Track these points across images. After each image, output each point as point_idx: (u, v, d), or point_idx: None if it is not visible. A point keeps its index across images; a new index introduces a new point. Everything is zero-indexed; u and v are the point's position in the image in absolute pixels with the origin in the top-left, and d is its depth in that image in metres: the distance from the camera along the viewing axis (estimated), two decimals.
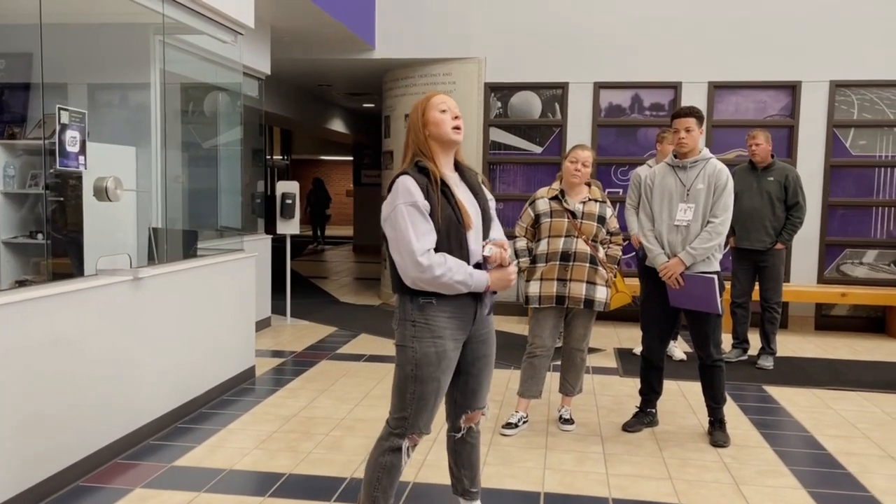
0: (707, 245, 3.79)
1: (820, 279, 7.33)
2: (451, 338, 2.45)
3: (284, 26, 6.97)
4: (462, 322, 2.47)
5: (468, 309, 2.48)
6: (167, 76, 4.80)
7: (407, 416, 2.48)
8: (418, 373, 2.44)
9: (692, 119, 3.85)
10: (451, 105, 2.49)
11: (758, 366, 5.62)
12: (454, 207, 2.40)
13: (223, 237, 5.71)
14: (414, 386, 2.45)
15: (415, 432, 2.50)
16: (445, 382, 2.50)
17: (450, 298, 2.42)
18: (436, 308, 2.42)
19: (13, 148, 4.51)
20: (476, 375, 2.61)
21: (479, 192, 2.56)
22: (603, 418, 4.38)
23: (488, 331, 2.61)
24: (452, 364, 2.50)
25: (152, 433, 3.91)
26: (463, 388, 2.62)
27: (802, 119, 7.24)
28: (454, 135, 2.46)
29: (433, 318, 2.42)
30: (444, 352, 2.44)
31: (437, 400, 2.50)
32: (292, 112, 11.15)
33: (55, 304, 3.16)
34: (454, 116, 2.46)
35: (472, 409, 2.66)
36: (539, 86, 7.68)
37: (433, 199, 2.37)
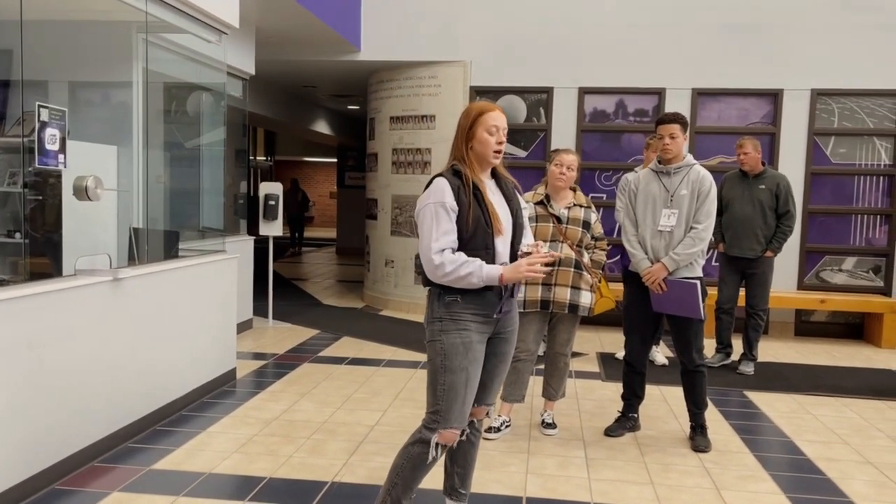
0: (690, 251, 3.80)
1: (800, 286, 7.40)
2: (477, 331, 2.56)
3: (269, 27, 6.94)
4: (486, 317, 2.57)
5: (492, 306, 2.57)
6: (150, 75, 4.75)
7: (440, 408, 2.56)
8: (447, 363, 2.54)
9: (676, 125, 3.87)
10: (502, 125, 2.59)
11: (739, 371, 5.66)
12: (484, 211, 2.52)
13: (205, 238, 5.66)
14: (444, 377, 2.54)
15: (448, 427, 2.56)
16: (475, 375, 2.57)
17: (474, 295, 2.53)
18: (461, 305, 2.54)
19: None
20: (490, 370, 2.69)
21: (512, 200, 2.67)
22: (585, 423, 4.39)
23: (511, 329, 2.70)
24: (480, 357, 2.58)
25: (131, 436, 3.86)
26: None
27: (784, 127, 7.32)
28: (493, 158, 2.60)
29: (458, 314, 2.54)
30: (470, 343, 2.54)
31: (468, 392, 2.57)
32: (276, 113, 11.09)
33: (32, 304, 3.11)
34: (499, 141, 2.58)
35: (479, 403, 2.71)
36: (524, 90, 7.69)
37: (463, 201, 2.49)
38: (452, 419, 2.56)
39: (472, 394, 2.60)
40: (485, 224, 2.51)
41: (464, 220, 2.49)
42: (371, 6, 7.85)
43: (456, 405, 2.55)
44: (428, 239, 2.48)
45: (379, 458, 3.68)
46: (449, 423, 2.56)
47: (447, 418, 2.56)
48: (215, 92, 5.82)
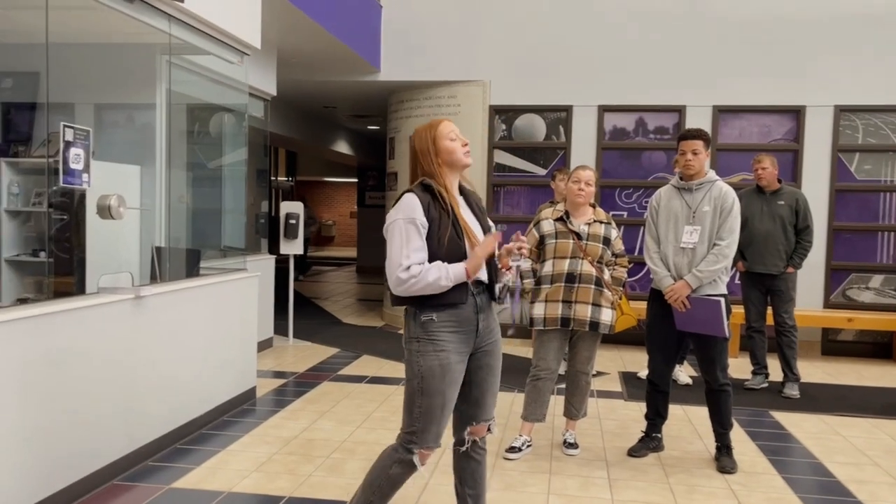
0: (714, 267, 3.75)
1: (826, 304, 7.27)
2: (455, 351, 2.51)
3: (291, 48, 7.02)
4: (465, 335, 2.53)
5: (469, 322, 2.53)
6: (173, 96, 4.82)
7: (416, 430, 2.53)
8: (424, 386, 2.50)
9: (699, 141, 3.84)
10: (458, 131, 2.62)
11: (784, 395, 5.47)
12: (457, 226, 2.49)
13: (226, 257, 5.69)
14: (420, 399, 2.50)
15: (424, 447, 2.54)
16: (452, 396, 2.53)
17: (450, 312, 2.48)
18: (437, 324, 2.49)
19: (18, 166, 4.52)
20: (479, 384, 2.64)
21: (482, 214, 2.66)
22: (608, 443, 4.32)
23: (493, 341, 2.64)
24: (458, 378, 2.54)
25: (151, 454, 3.86)
26: (467, 398, 2.65)
27: (807, 144, 7.24)
28: (467, 158, 2.59)
29: (435, 333, 2.49)
30: (448, 365, 2.49)
31: (445, 414, 2.53)
32: (297, 133, 11.19)
33: (55, 321, 3.13)
34: (463, 143, 2.59)
35: (476, 421, 2.66)
36: (543, 108, 7.70)
37: (433, 217, 2.45)
38: (429, 440, 2.54)
39: (449, 414, 2.57)
40: (457, 238, 2.48)
41: (435, 235, 2.45)
42: (391, 27, 7.92)
43: (432, 427, 2.52)
44: (397, 256, 2.43)
45: None
46: (425, 444, 2.54)
47: (424, 439, 2.53)
48: (237, 112, 5.89)
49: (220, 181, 6.12)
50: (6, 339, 2.86)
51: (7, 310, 3.06)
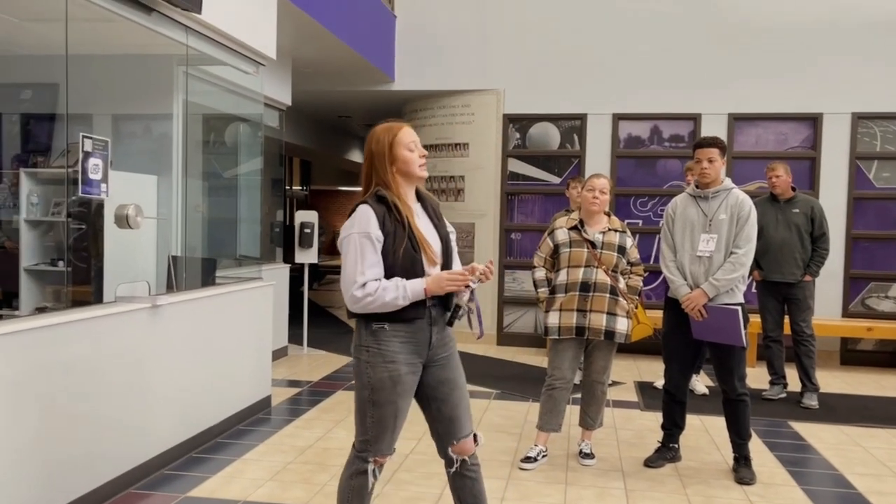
0: (731, 276, 3.72)
1: (845, 313, 7.19)
2: (405, 362, 2.46)
3: (306, 58, 7.06)
4: (416, 346, 2.48)
5: (422, 333, 2.48)
6: (190, 106, 4.86)
7: (369, 438, 2.51)
8: (375, 397, 2.46)
9: (715, 149, 3.81)
10: (417, 140, 2.52)
11: (803, 405, 5.39)
12: (412, 238, 2.42)
13: (242, 265, 5.72)
14: (372, 410, 2.48)
15: (378, 455, 2.52)
16: (404, 405, 2.50)
17: (402, 323, 2.44)
18: (388, 333, 2.44)
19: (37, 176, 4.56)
20: (445, 400, 2.55)
21: (440, 222, 2.57)
22: (624, 453, 4.28)
23: (448, 355, 2.57)
24: (410, 387, 2.50)
25: (167, 463, 3.87)
26: (438, 416, 2.58)
27: (824, 151, 7.18)
28: (422, 171, 2.50)
29: (385, 343, 2.44)
30: (398, 376, 2.45)
31: (398, 422, 2.51)
32: (312, 143, 11.25)
33: (73, 330, 3.15)
34: (421, 155, 2.50)
35: (456, 439, 2.56)
36: (557, 117, 7.69)
37: (388, 230, 2.40)
38: (383, 449, 2.51)
39: (402, 422, 2.52)
40: (413, 251, 2.40)
41: (390, 248, 2.39)
42: (404, 36, 7.95)
43: (386, 435, 2.50)
44: (352, 272, 2.37)
45: (413, 487, 3.63)
46: (379, 453, 2.51)
47: (377, 448, 2.51)
48: (252, 122, 5.93)
49: (236, 190, 6.15)
50: (25, 348, 2.89)
51: (26, 319, 3.09)
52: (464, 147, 7.96)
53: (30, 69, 4.88)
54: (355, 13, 6.81)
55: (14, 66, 4.96)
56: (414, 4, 7.94)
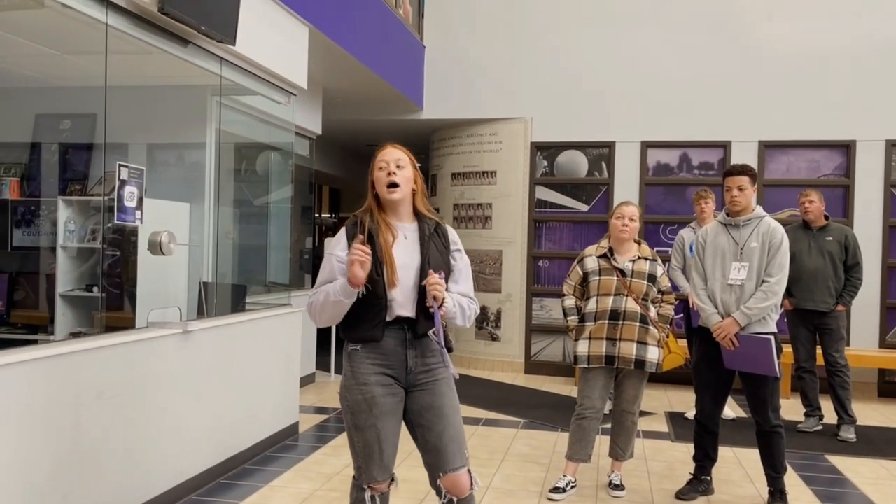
0: (763, 305, 3.67)
1: (882, 343, 7.03)
2: (379, 384, 2.44)
3: (336, 87, 7.17)
4: (390, 369, 2.46)
5: (395, 356, 2.45)
6: (222, 135, 4.95)
7: (360, 465, 2.49)
8: (355, 421, 2.47)
9: (745, 177, 3.78)
10: (391, 158, 2.47)
11: (840, 438, 5.26)
12: (377, 260, 2.38)
13: (271, 292, 5.77)
14: (356, 435, 2.48)
15: (371, 481, 2.48)
16: (386, 429, 2.45)
17: (373, 344, 2.44)
18: (360, 354, 2.46)
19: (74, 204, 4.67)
20: (430, 428, 2.47)
21: (428, 245, 2.47)
22: (655, 485, 4.20)
23: (433, 381, 2.50)
24: (389, 410, 2.46)
25: (195, 488, 3.89)
26: (424, 445, 2.52)
27: (858, 179, 7.08)
28: (387, 194, 2.45)
29: (358, 365, 2.46)
30: (373, 398, 2.43)
31: (384, 447, 2.46)
32: (341, 171, 11.37)
33: (105, 355, 3.20)
34: (388, 173, 2.44)
35: (443, 471, 2.45)
36: (585, 145, 7.70)
37: None
38: (374, 474, 2.47)
39: (391, 445, 2.48)
40: (374, 273, 2.36)
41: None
42: (433, 66, 8.05)
43: (374, 461, 2.46)
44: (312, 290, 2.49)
45: None
46: (371, 479, 2.47)
47: (368, 475, 2.48)
48: (283, 151, 6.02)
49: (266, 218, 6.23)
50: (60, 372, 2.94)
51: (60, 343, 3.15)
52: (491, 175, 7.99)
53: (69, 100, 5.02)
54: (385, 44, 6.92)
55: (55, 98, 5.11)
56: (442, 34, 8.05)
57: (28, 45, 4.30)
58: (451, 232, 2.60)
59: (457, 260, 2.57)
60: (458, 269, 2.55)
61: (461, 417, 2.56)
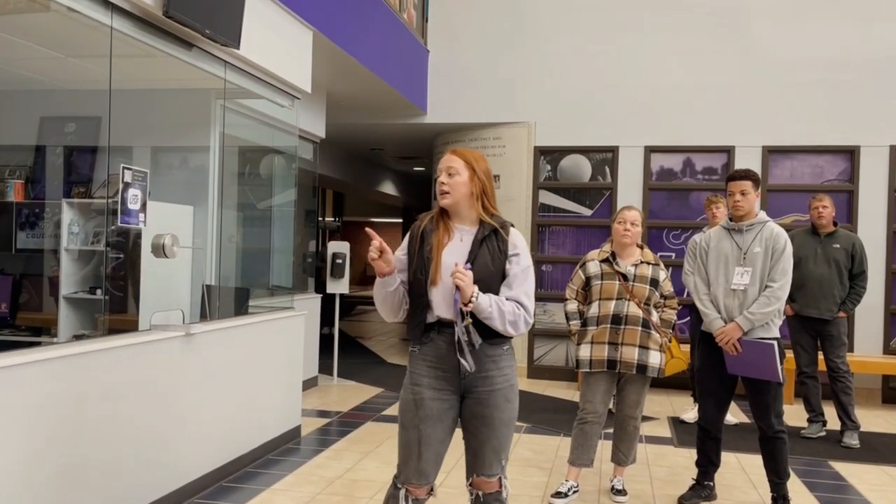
0: (766, 310, 3.66)
1: (886, 349, 7.00)
2: (430, 386, 2.47)
3: (340, 91, 7.19)
4: (443, 373, 2.48)
5: (448, 360, 2.46)
6: (226, 139, 4.97)
7: (399, 462, 2.51)
8: (401, 419, 2.51)
9: (748, 182, 3.78)
10: (443, 166, 2.53)
11: (843, 444, 5.24)
12: (424, 258, 2.47)
13: (274, 296, 5.77)
14: (400, 432, 2.51)
15: (406, 483, 2.48)
16: (429, 433, 2.45)
17: (429, 347, 2.50)
18: (417, 356, 2.53)
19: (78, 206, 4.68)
20: (474, 434, 2.52)
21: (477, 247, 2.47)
22: (657, 490, 4.19)
23: (490, 391, 2.47)
24: (436, 414, 2.46)
25: (197, 491, 3.89)
26: (467, 446, 2.58)
27: (862, 184, 7.07)
28: (441, 199, 2.52)
29: (415, 366, 2.53)
30: (421, 400, 2.46)
31: (423, 450, 2.45)
32: (345, 175, 11.40)
33: (108, 357, 3.21)
34: (440, 182, 2.50)
35: (476, 473, 2.53)
36: (589, 149, 7.70)
37: (412, 251, 2.53)
38: (410, 476, 2.47)
39: (432, 452, 2.47)
40: (419, 272, 2.47)
41: (410, 268, 2.52)
42: (437, 70, 8.06)
43: (410, 462, 2.46)
44: None
45: None
46: (407, 480, 2.47)
47: (404, 474, 2.48)
48: (287, 155, 6.03)
49: (270, 221, 6.24)
50: (63, 375, 2.94)
51: (63, 346, 3.15)
52: (495, 179, 7.96)
53: (74, 103, 5.04)
54: (389, 48, 6.93)
55: (60, 100, 5.13)
56: (446, 39, 8.07)
57: (33, 48, 4.32)
58: (514, 236, 2.54)
59: (512, 265, 2.50)
60: (512, 274, 2.49)
61: (512, 429, 2.56)
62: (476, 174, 2.52)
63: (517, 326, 2.44)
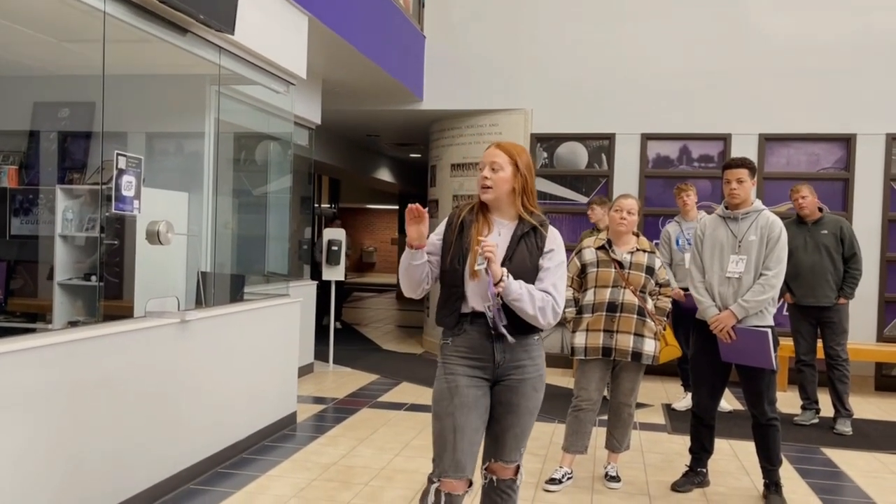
0: (760, 298, 3.67)
1: (879, 337, 7.04)
2: (465, 374, 2.47)
3: (335, 78, 7.15)
4: (478, 361, 2.48)
5: (482, 350, 2.48)
6: (221, 125, 4.94)
7: (434, 457, 2.48)
8: (436, 409, 2.49)
9: (744, 170, 3.78)
10: (487, 160, 2.52)
11: (836, 431, 5.28)
12: (463, 249, 2.47)
13: (270, 282, 5.77)
14: (434, 423, 2.49)
15: (442, 475, 2.43)
16: (466, 422, 2.43)
17: (462, 337, 2.48)
18: (451, 347, 2.52)
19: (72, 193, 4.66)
20: (498, 420, 2.54)
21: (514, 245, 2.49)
22: (651, 477, 4.22)
23: (521, 379, 2.51)
24: (472, 403, 2.45)
25: (192, 477, 3.90)
26: (489, 431, 2.58)
27: (858, 172, 7.07)
28: (481, 193, 2.53)
29: (448, 357, 2.51)
30: (456, 388, 2.45)
31: (459, 440, 2.42)
32: (341, 161, 11.36)
33: (104, 344, 3.21)
34: (483, 176, 2.51)
35: (494, 458, 2.56)
36: (585, 136, 7.68)
37: (448, 238, 2.53)
38: (445, 467, 2.43)
39: (468, 442, 2.44)
40: (456, 263, 2.47)
41: (445, 256, 2.51)
42: (433, 57, 8.02)
43: (446, 453, 2.43)
44: None
45: None
46: (442, 472, 2.43)
47: (440, 466, 2.44)
48: (282, 141, 6.01)
49: (265, 208, 6.23)
50: (57, 362, 2.94)
51: (58, 332, 3.15)
52: None
53: (68, 88, 5.01)
54: (385, 34, 6.89)
55: (53, 86, 5.09)
56: (443, 24, 8.02)
57: (26, 33, 4.28)
58: (552, 234, 2.56)
59: (546, 260, 2.52)
60: (545, 269, 2.51)
61: (534, 419, 2.59)
62: (519, 170, 2.51)
63: (546, 313, 2.44)
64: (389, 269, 23.67)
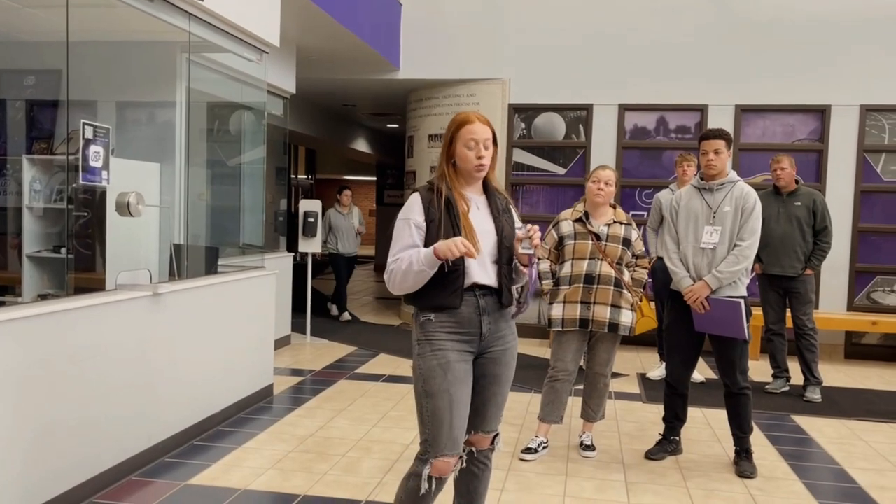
0: (734, 268, 3.70)
1: (850, 307, 7.16)
2: (454, 349, 2.42)
3: (310, 46, 7.03)
4: (465, 336, 2.44)
5: (471, 323, 2.44)
6: (193, 94, 4.84)
7: (428, 437, 2.42)
8: (427, 388, 2.42)
9: (721, 141, 3.78)
10: (481, 137, 2.43)
11: (806, 399, 5.37)
12: (456, 228, 2.39)
13: (245, 254, 5.71)
14: (427, 402, 2.42)
15: (438, 455, 2.39)
16: (459, 395, 2.41)
17: (448, 312, 2.42)
18: (434, 324, 2.43)
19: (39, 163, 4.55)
20: (480, 392, 2.53)
21: (500, 218, 2.51)
22: (625, 445, 4.28)
23: (503, 349, 2.53)
24: (462, 377, 2.43)
25: (168, 450, 3.88)
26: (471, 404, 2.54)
27: (832, 144, 7.13)
28: (477, 173, 2.48)
29: (433, 333, 2.43)
30: (447, 363, 2.40)
31: (455, 415, 2.41)
32: (317, 131, 11.22)
33: (74, 318, 3.15)
34: (478, 156, 2.44)
35: (476, 430, 2.55)
36: (563, 107, 7.65)
37: (433, 217, 2.41)
38: (442, 446, 2.39)
39: (461, 417, 2.42)
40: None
41: (434, 237, 2.37)
42: (410, 25, 7.90)
43: (443, 431, 2.39)
44: (390, 256, 2.43)
45: None
46: (439, 451, 2.39)
47: (436, 446, 2.39)
48: (256, 110, 5.90)
49: (239, 179, 6.14)
50: (27, 336, 2.89)
51: (28, 306, 3.09)
52: None
53: (33, 55, 4.86)
54: (361, 1, 6.77)
55: (17, 53, 4.94)
56: None
57: None
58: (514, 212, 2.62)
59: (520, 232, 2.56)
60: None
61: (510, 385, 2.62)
62: (496, 144, 2.51)
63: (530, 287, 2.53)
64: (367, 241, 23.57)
